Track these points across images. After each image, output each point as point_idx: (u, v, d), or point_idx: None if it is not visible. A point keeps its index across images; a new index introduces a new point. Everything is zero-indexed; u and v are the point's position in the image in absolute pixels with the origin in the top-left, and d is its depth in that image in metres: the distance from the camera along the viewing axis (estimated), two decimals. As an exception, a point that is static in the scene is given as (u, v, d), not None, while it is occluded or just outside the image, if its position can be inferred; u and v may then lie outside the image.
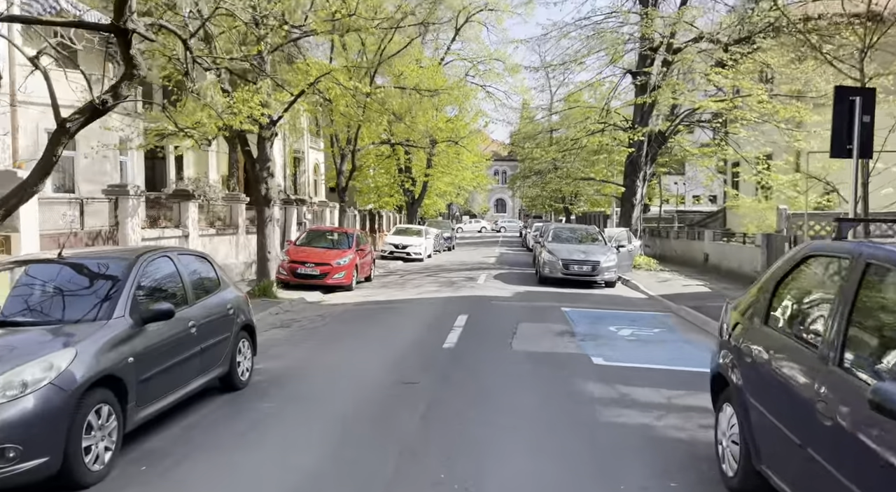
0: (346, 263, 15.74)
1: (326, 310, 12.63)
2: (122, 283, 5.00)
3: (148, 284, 5.38)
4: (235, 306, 6.69)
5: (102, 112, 5.96)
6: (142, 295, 5.16)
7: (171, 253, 5.96)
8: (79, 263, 5.28)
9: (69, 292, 5.00)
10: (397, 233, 26.87)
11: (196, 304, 5.91)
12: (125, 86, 5.88)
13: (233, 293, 6.83)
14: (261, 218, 14.33)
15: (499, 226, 65.29)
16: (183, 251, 6.42)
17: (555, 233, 18.05)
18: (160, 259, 5.74)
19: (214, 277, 6.63)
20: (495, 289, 15.80)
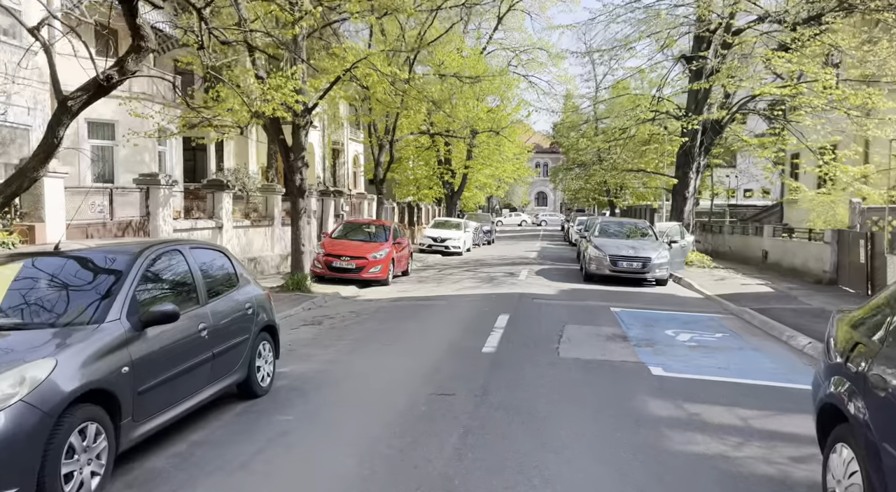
0: (382, 256, 15.10)
1: (361, 306, 11.99)
2: (120, 281, 4.38)
3: (152, 281, 4.75)
4: (255, 305, 6.05)
5: (108, 89, 5.39)
6: (143, 295, 4.53)
7: (181, 247, 5.33)
8: (76, 259, 4.68)
9: (60, 292, 4.40)
10: (436, 226, 26.16)
11: (209, 304, 5.27)
12: (132, 60, 5.28)
13: (253, 291, 6.19)
14: (295, 209, 13.78)
15: (539, 219, 63.97)
16: (196, 244, 5.79)
17: (602, 227, 16.99)
18: (169, 254, 5.11)
19: (232, 273, 5.99)
20: (538, 286, 14.91)
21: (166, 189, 11.73)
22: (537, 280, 16.13)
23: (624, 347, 8.45)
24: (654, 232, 16.72)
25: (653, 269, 15.02)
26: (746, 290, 14.19)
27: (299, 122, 13.39)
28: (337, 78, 13.04)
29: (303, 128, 13.52)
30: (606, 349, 8.30)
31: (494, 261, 22.32)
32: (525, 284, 15.30)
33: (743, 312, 11.36)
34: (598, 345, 8.56)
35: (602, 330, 9.60)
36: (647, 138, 21.14)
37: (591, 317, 10.79)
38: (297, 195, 13.71)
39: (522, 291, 13.90)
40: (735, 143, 21.27)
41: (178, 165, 19.31)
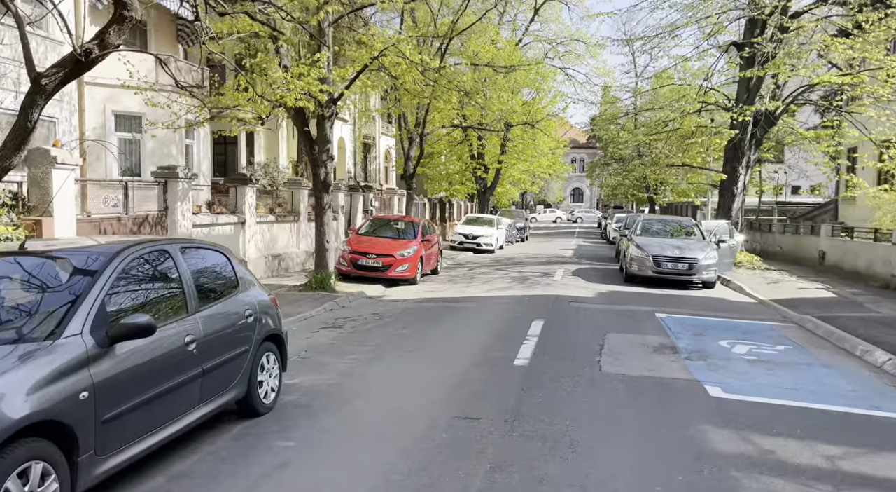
0: (410, 254, 14.38)
1: (385, 307, 11.29)
2: (87, 288, 3.70)
3: (128, 288, 4.07)
4: (258, 312, 5.35)
5: (87, 65, 4.76)
6: (115, 304, 3.85)
7: (170, 246, 4.65)
8: (41, 260, 4.04)
9: (14, 300, 3.75)
10: (467, 222, 25.35)
11: (201, 312, 4.59)
12: (114, 32, 4.64)
13: (256, 295, 5.49)
14: (319, 204, 13.15)
15: (575, 216, 62.52)
16: (190, 243, 5.11)
17: (644, 225, 15.92)
18: (153, 255, 4.43)
19: (231, 276, 5.30)
20: (574, 287, 13.97)
21: (185, 183, 11.21)
22: (574, 281, 15.19)
23: (674, 361, 7.52)
24: (700, 231, 15.58)
25: (700, 270, 13.92)
26: (805, 294, 12.99)
27: (324, 113, 12.74)
28: (364, 66, 12.34)
29: (328, 119, 12.86)
30: (654, 363, 7.39)
31: (528, 259, 21.40)
32: (561, 285, 14.38)
33: (805, 321, 10.24)
34: (644, 357, 7.64)
35: (647, 339, 8.66)
36: (691, 131, 19.90)
37: (635, 324, 9.84)
38: (322, 190, 13.07)
39: (558, 293, 12.99)
40: (787, 136, 19.83)
41: (206, 159, 18.95)
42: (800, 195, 43.45)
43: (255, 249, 13.85)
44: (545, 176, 38.66)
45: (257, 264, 13.87)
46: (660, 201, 37.16)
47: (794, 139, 20.47)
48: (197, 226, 11.75)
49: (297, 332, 9.09)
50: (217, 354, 4.65)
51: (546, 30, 33.43)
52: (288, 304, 11.06)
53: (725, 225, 16.11)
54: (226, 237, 12.79)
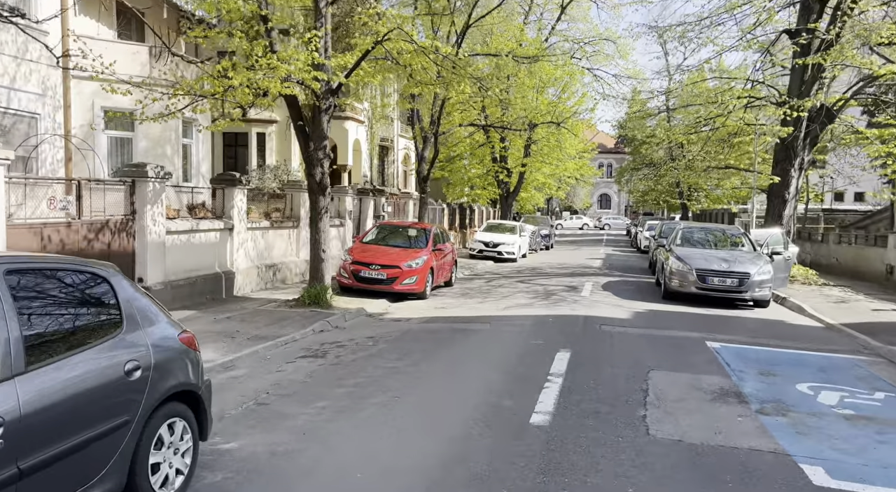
0: (418, 265, 12.63)
1: (384, 329, 9.54)
2: None
3: None
4: (154, 363, 3.63)
5: None
6: None
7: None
8: None
9: None
10: (488, 229, 23.51)
11: (27, 374, 2.88)
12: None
13: (154, 338, 3.76)
14: (314, 209, 11.49)
15: (602, 223, 60.09)
16: (26, 262, 3.36)
17: (684, 234, 13.89)
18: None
19: (110, 313, 3.58)
20: (606, 305, 12.03)
21: (156, 183, 9.64)
22: (604, 297, 13.24)
23: (744, 416, 5.59)
24: (750, 241, 13.49)
25: (752, 287, 11.86)
26: (883, 318, 10.85)
27: (321, 104, 11.07)
28: (366, 52, 10.64)
29: (325, 112, 11.19)
30: (718, 419, 5.47)
31: (552, 270, 19.47)
32: (589, 302, 12.45)
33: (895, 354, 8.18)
34: (703, 410, 5.73)
35: (703, 381, 6.73)
36: (736, 129, 17.80)
37: (683, 356, 7.91)
38: (317, 192, 11.41)
39: (587, 312, 11.07)
40: (846, 134, 17.58)
41: (206, 160, 17.48)
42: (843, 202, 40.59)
43: (245, 258, 12.25)
44: (571, 181, 36.60)
45: (248, 276, 12.27)
46: (693, 208, 34.80)
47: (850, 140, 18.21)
48: (172, 233, 10.17)
49: (270, 361, 7.42)
50: (56, 440, 2.93)
51: (573, 29, 31.51)
52: (271, 323, 9.41)
53: (779, 234, 13.99)
54: (209, 246, 11.21)
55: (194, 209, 11.09)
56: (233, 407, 5.61)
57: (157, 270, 9.74)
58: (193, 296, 10.57)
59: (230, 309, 10.43)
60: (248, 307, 10.70)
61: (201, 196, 13.10)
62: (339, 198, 16.67)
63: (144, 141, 15.46)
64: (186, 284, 10.44)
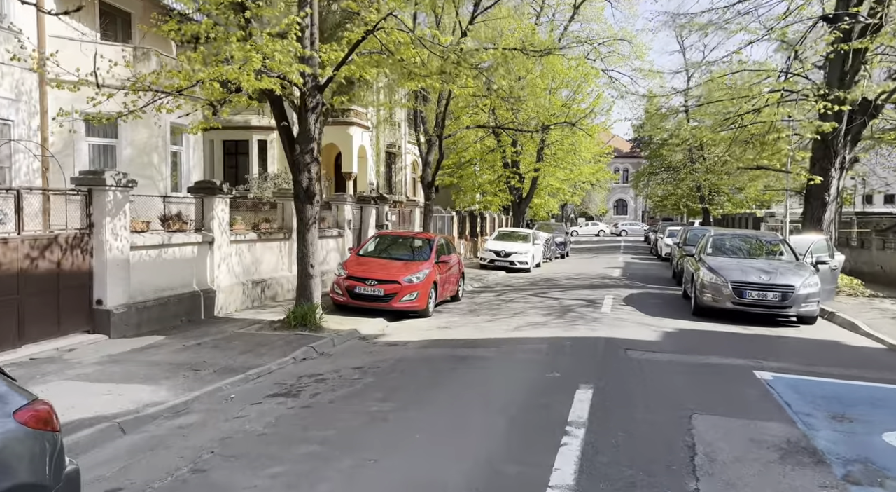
0: (419, 280, 11.33)
1: (376, 356, 8.23)
2: None
3: None
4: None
5: None
6: None
7: None
8: None
9: None
10: (499, 238, 22.13)
11: None
12: None
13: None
14: (301, 219, 10.24)
15: (619, 229, 58.33)
16: None
17: (715, 242, 12.40)
18: None
19: None
20: (630, 324, 10.60)
21: (118, 192, 8.45)
22: (627, 313, 11.81)
23: (831, 490, 4.17)
24: (790, 248, 11.97)
25: (797, 302, 10.36)
26: (954, 338, 9.30)
27: (307, 102, 9.85)
28: (357, 42, 9.38)
29: (311, 111, 9.95)
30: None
31: (569, 281, 18.04)
32: (611, 320, 11.03)
33: None
34: (772, 478, 4.32)
35: (762, 430, 5.31)
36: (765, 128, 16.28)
37: (729, 392, 6.48)
38: (305, 200, 10.16)
39: (609, 333, 9.65)
40: (886, 132, 15.99)
41: (198, 168, 16.36)
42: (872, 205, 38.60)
43: (228, 274, 11.03)
44: (587, 186, 35.11)
45: (231, 294, 11.05)
46: (714, 213, 33.10)
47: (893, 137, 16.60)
48: (139, 248, 8.97)
49: (232, 403, 6.18)
50: None
51: (587, 30, 30.23)
52: (248, 350, 8.16)
53: (822, 241, 12.43)
54: (185, 262, 10.00)
55: (168, 221, 9.89)
56: (160, 476, 4.33)
57: (120, 290, 8.53)
58: (165, 319, 9.36)
59: (206, 333, 9.20)
60: (227, 330, 9.46)
61: (192, 208, 11.97)
62: (337, 207, 15.46)
63: (129, 149, 14.39)
64: (156, 306, 9.22)
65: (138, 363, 7.32)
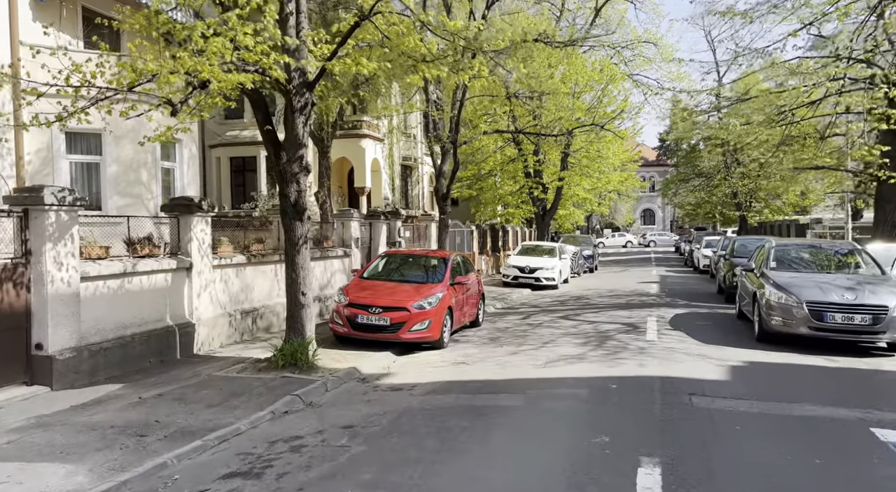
0: (432, 306, 9.66)
1: (373, 407, 6.56)
2: None
3: None
4: None
5: None
6: None
7: None
8: None
9: None
10: (523, 252, 20.37)
11: None
12: None
13: None
14: (289, 238, 8.66)
15: (647, 240, 55.91)
16: None
17: (778, 254, 10.46)
18: None
19: None
20: (685, 356, 8.73)
21: (62, 213, 6.98)
22: (677, 341, 9.94)
23: None
24: (872, 259, 9.99)
25: (892, 326, 8.40)
26: None
27: (294, 102, 8.32)
28: (351, 28, 7.83)
29: (300, 112, 8.41)
30: None
31: (602, 299, 16.16)
32: (661, 350, 9.17)
33: None
34: None
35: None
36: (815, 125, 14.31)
37: (848, 467, 4.63)
38: (293, 217, 8.59)
39: (662, 371, 7.81)
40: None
41: (193, 185, 14.99)
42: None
43: (211, 303, 9.49)
44: (613, 196, 33.13)
45: (215, 327, 9.50)
46: (751, 220, 30.82)
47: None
48: (93, 279, 7.46)
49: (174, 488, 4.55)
50: None
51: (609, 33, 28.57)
52: (218, 402, 6.61)
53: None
54: (155, 292, 8.48)
55: (134, 245, 8.39)
56: None
57: (65, 332, 7.01)
58: (129, 361, 7.82)
59: (175, 378, 7.64)
60: (202, 373, 7.89)
61: None
62: (343, 223, 13.91)
63: (115, 166, 13.07)
64: (117, 347, 7.69)
65: (70, 428, 5.76)
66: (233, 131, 22.70)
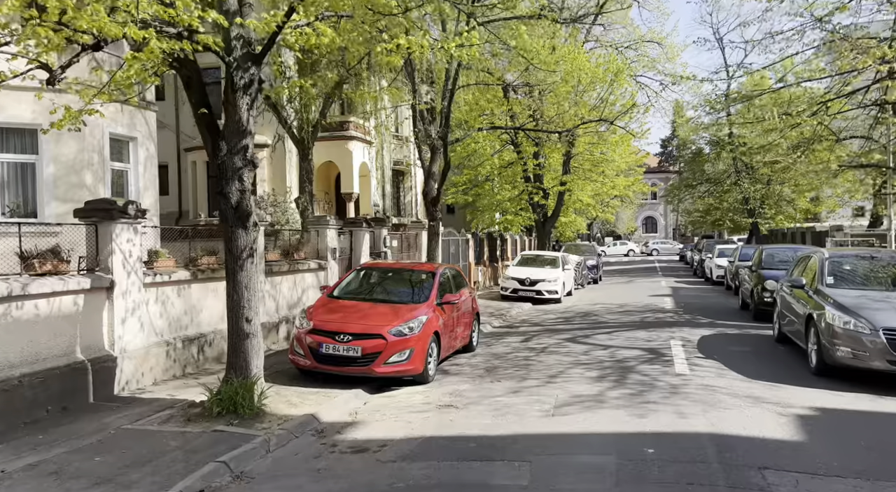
0: (414, 331, 7.80)
1: (322, 485, 4.68)
2: None
3: None
4: None
5: None
6: None
7: None
8: None
9: None
10: (523, 263, 18.51)
11: None
12: None
13: None
14: (230, 250, 6.81)
15: (650, 248, 54.05)
16: None
17: (832, 267, 8.54)
18: None
19: None
20: (730, 398, 6.82)
21: None
22: (716, 373, 8.04)
23: None
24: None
25: None
26: None
27: (237, 78, 6.50)
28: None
29: (244, 92, 6.56)
30: None
31: (612, 316, 14.27)
32: (698, 388, 7.27)
33: None
34: None
35: None
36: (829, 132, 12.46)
37: None
38: (235, 223, 6.74)
39: (711, 425, 5.89)
40: None
41: (151, 189, 13.11)
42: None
43: (142, 331, 7.61)
44: (617, 202, 31.29)
45: (146, 359, 7.62)
46: (763, 228, 28.98)
47: None
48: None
49: None
50: None
51: (612, 33, 26.90)
52: (110, 476, 4.73)
53: None
54: (60, 319, 6.60)
55: (30, 260, 6.51)
56: None
57: None
58: (14, 412, 5.93)
59: (71, 434, 5.76)
60: (110, 426, 6.00)
61: (147, 238, 8.67)
62: (317, 232, 12.07)
63: (53, 166, 11.20)
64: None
65: None
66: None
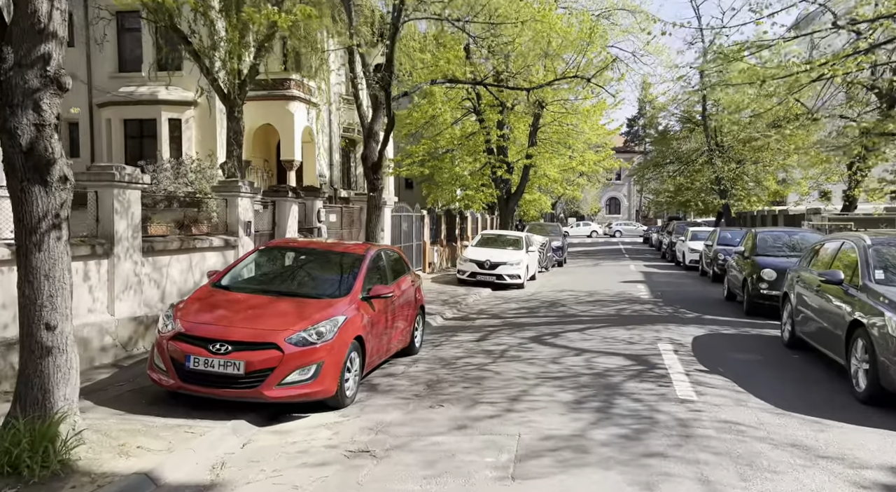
0: (324, 338, 5.47)
1: None
2: None
3: None
4: None
5: None
6: None
7: None
8: None
9: None
10: (483, 243, 16.33)
11: None
12: None
13: None
14: (20, 219, 4.27)
15: (613, 230, 52.76)
16: None
17: (881, 257, 6.54)
18: None
19: None
20: (769, 447, 4.74)
21: None
22: (733, 400, 5.97)
23: None
24: None
25: None
26: None
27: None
28: None
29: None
30: None
31: (583, 306, 12.20)
32: (717, 428, 5.18)
33: None
34: None
35: None
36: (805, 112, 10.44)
37: None
38: (29, 176, 4.20)
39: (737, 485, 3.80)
40: None
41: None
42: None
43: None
44: (582, 180, 29.31)
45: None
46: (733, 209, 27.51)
47: None
48: None
49: None
50: None
51: (585, 0, 24.64)
52: None
53: None
54: None
55: None
56: None
57: None
58: None
59: None
60: None
61: None
62: (226, 200, 9.52)
63: None
64: None
65: None
66: (128, 87, 17.88)
